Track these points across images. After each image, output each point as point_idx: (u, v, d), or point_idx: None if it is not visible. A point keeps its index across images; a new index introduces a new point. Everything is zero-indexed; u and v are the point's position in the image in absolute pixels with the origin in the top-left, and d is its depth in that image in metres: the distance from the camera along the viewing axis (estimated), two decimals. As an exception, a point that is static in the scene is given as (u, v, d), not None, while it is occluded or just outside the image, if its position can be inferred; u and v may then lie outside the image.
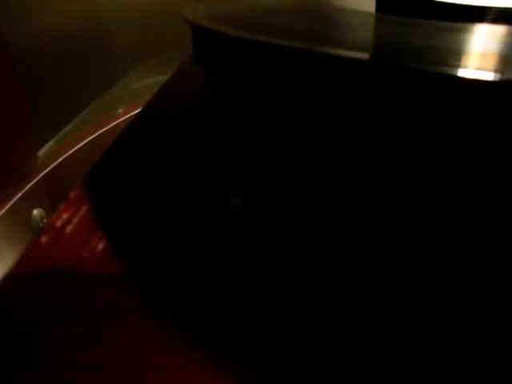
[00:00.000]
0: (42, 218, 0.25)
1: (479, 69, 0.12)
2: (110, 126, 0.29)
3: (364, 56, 0.14)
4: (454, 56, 0.14)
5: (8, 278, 0.14)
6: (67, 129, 0.35)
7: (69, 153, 0.27)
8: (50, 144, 0.32)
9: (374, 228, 0.13)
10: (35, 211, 0.24)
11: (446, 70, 0.12)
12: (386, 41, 0.16)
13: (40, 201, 0.25)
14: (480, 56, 0.14)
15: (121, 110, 0.31)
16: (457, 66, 0.12)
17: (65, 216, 0.16)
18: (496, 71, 0.12)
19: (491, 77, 0.11)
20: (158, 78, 0.28)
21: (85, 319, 0.12)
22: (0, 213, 0.23)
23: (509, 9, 0.18)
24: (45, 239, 0.15)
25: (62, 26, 0.42)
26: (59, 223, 0.16)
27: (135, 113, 0.27)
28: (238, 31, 0.16)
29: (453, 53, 0.14)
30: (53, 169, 0.26)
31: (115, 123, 0.30)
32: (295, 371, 0.11)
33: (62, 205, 0.16)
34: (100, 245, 0.14)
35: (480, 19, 0.19)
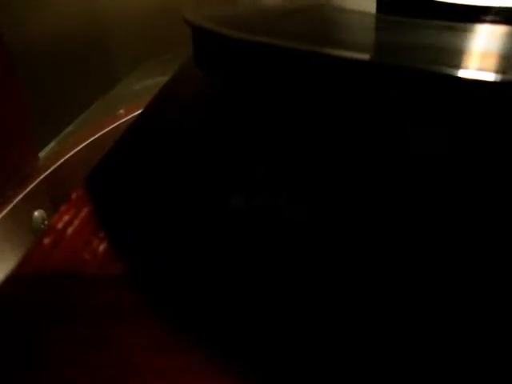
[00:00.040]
0: (43, 220, 0.24)
1: (479, 69, 0.12)
2: (111, 128, 0.29)
3: (364, 56, 0.14)
4: (454, 56, 0.14)
5: (9, 279, 0.14)
6: (68, 130, 0.35)
7: (70, 154, 0.27)
8: (51, 145, 0.32)
9: (376, 229, 0.13)
10: (36, 213, 0.24)
11: (447, 70, 0.12)
12: (387, 41, 0.16)
13: (41, 202, 0.25)
14: (480, 56, 0.14)
15: (122, 111, 0.31)
16: (457, 67, 0.12)
17: (66, 218, 0.16)
18: (496, 71, 0.12)
19: (492, 77, 0.11)
20: (159, 79, 0.28)
21: (85, 319, 0.12)
22: (1, 214, 0.23)
23: (509, 8, 0.18)
24: (46, 241, 0.15)
25: (63, 27, 0.42)
26: (60, 225, 0.16)
27: (136, 114, 0.27)
28: (239, 32, 0.16)
29: (453, 53, 0.14)
30: (54, 170, 0.26)
31: (116, 124, 0.30)
32: (295, 371, 0.11)
33: (63, 206, 0.17)
34: (101, 246, 0.14)
35: (480, 19, 0.19)
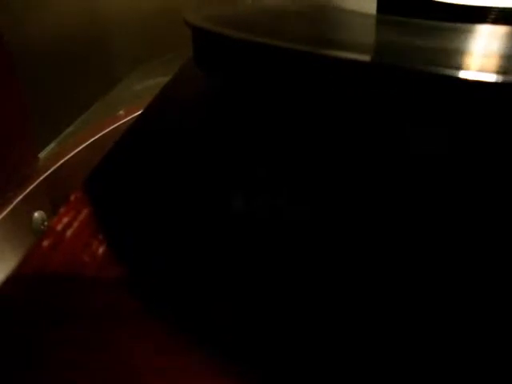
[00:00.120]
0: (43, 221, 0.25)
1: (479, 70, 0.12)
2: (111, 128, 0.29)
3: (365, 57, 0.14)
4: (454, 57, 0.14)
5: (9, 281, 0.14)
6: (68, 131, 0.35)
7: (70, 155, 0.27)
8: (51, 146, 0.32)
9: (377, 229, 0.13)
10: (36, 214, 0.24)
11: (446, 71, 0.12)
12: (387, 42, 0.16)
13: (41, 203, 0.25)
14: (480, 57, 0.14)
15: (122, 112, 0.31)
16: (457, 67, 0.12)
17: (65, 220, 0.16)
18: (496, 72, 0.12)
19: (492, 78, 0.11)
20: (159, 80, 0.28)
21: (85, 322, 0.12)
22: (1, 215, 0.23)
23: (508, 9, 0.18)
24: (45, 243, 0.15)
25: (63, 27, 0.42)
26: (60, 227, 0.16)
27: (136, 115, 0.27)
28: (239, 33, 0.16)
29: (453, 53, 0.14)
30: (54, 171, 0.26)
31: (116, 125, 0.29)
32: (295, 371, 0.11)
33: (63, 208, 0.16)
34: (100, 249, 0.14)
35: (480, 19, 0.19)
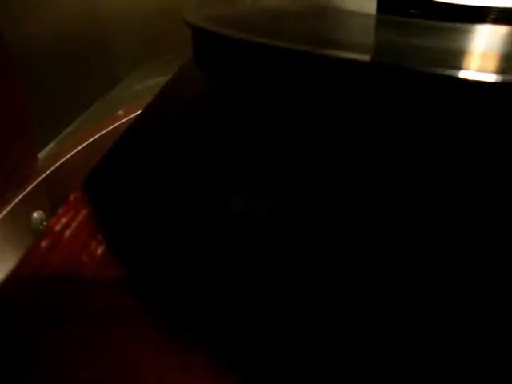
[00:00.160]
0: (42, 221, 0.24)
1: (480, 70, 0.12)
2: (111, 128, 0.29)
3: (365, 57, 0.14)
4: (454, 57, 0.14)
5: (7, 281, 0.14)
6: (67, 131, 0.35)
7: (69, 155, 0.27)
8: (51, 146, 0.32)
9: (377, 229, 0.13)
10: (35, 214, 0.24)
11: (446, 71, 0.12)
12: (387, 42, 0.16)
13: (40, 203, 0.25)
14: (480, 56, 0.14)
15: (121, 112, 0.31)
16: (457, 67, 0.12)
17: (64, 220, 0.16)
18: (496, 72, 0.12)
19: (491, 78, 0.11)
20: (159, 80, 0.28)
21: (84, 322, 0.12)
22: (0, 215, 0.23)
23: (508, 9, 0.18)
24: (44, 244, 0.15)
25: (63, 27, 0.42)
26: (58, 227, 0.16)
27: (136, 114, 0.27)
28: (239, 33, 0.16)
29: (453, 53, 0.14)
30: (53, 171, 0.26)
31: (116, 125, 0.29)
32: (295, 371, 0.11)
33: (62, 208, 0.16)
34: (99, 249, 0.14)
35: (480, 19, 0.18)
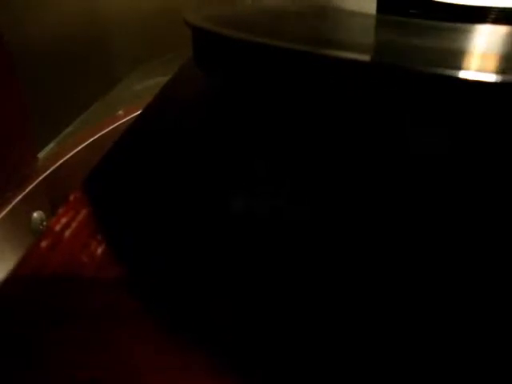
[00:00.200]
0: (42, 221, 0.24)
1: (480, 69, 0.12)
2: (111, 128, 0.29)
3: (364, 57, 0.14)
4: (454, 56, 0.14)
5: (7, 281, 0.14)
6: (67, 131, 0.35)
7: (69, 155, 0.27)
8: (51, 146, 0.32)
9: (376, 229, 0.13)
10: (35, 214, 0.24)
11: (446, 71, 0.12)
12: (387, 42, 0.16)
13: (40, 203, 0.25)
14: (480, 57, 0.14)
15: (121, 112, 0.31)
16: (457, 67, 0.12)
17: (64, 220, 0.16)
18: (496, 72, 0.12)
19: (491, 78, 0.11)
20: (159, 80, 0.28)
21: (84, 321, 0.12)
22: (0, 215, 0.23)
23: (509, 9, 0.18)
24: (44, 244, 0.15)
25: (63, 27, 0.42)
26: (58, 227, 0.16)
27: (136, 115, 0.27)
28: (239, 33, 0.16)
29: (452, 53, 0.14)
30: (53, 171, 0.26)
31: (116, 125, 0.29)
32: (295, 371, 0.11)
33: (61, 208, 0.16)
34: (99, 249, 0.14)
35: (480, 19, 0.18)
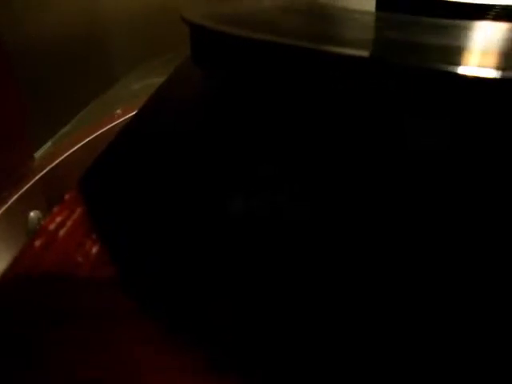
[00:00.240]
0: (39, 220, 0.24)
1: (480, 66, 0.12)
2: (108, 128, 0.29)
3: (364, 54, 0.14)
4: (454, 53, 0.14)
5: (1, 281, 0.14)
6: (64, 130, 0.35)
7: (66, 154, 0.27)
8: (47, 145, 0.32)
9: (377, 227, 0.13)
10: (32, 213, 0.24)
11: (446, 67, 0.12)
12: (387, 39, 0.16)
13: (37, 203, 0.25)
14: (481, 53, 0.14)
15: (119, 111, 0.31)
16: (457, 64, 0.12)
17: (58, 219, 0.16)
18: (496, 68, 0.12)
19: (491, 74, 0.11)
20: (158, 79, 0.28)
21: (84, 321, 0.12)
22: (-4, 215, 0.23)
23: (510, 6, 0.18)
24: (37, 243, 0.15)
25: (62, 27, 0.42)
26: (52, 226, 0.15)
27: (133, 114, 0.27)
28: (236, 30, 0.16)
29: (453, 50, 0.14)
30: (49, 171, 0.26)
31: (113, 125, 0.29)
32: (295, 371, 0.11)
33: (56, 208, 0.16)
34: (94, 249, 0.14)
35: (481, 17, 0.18)
